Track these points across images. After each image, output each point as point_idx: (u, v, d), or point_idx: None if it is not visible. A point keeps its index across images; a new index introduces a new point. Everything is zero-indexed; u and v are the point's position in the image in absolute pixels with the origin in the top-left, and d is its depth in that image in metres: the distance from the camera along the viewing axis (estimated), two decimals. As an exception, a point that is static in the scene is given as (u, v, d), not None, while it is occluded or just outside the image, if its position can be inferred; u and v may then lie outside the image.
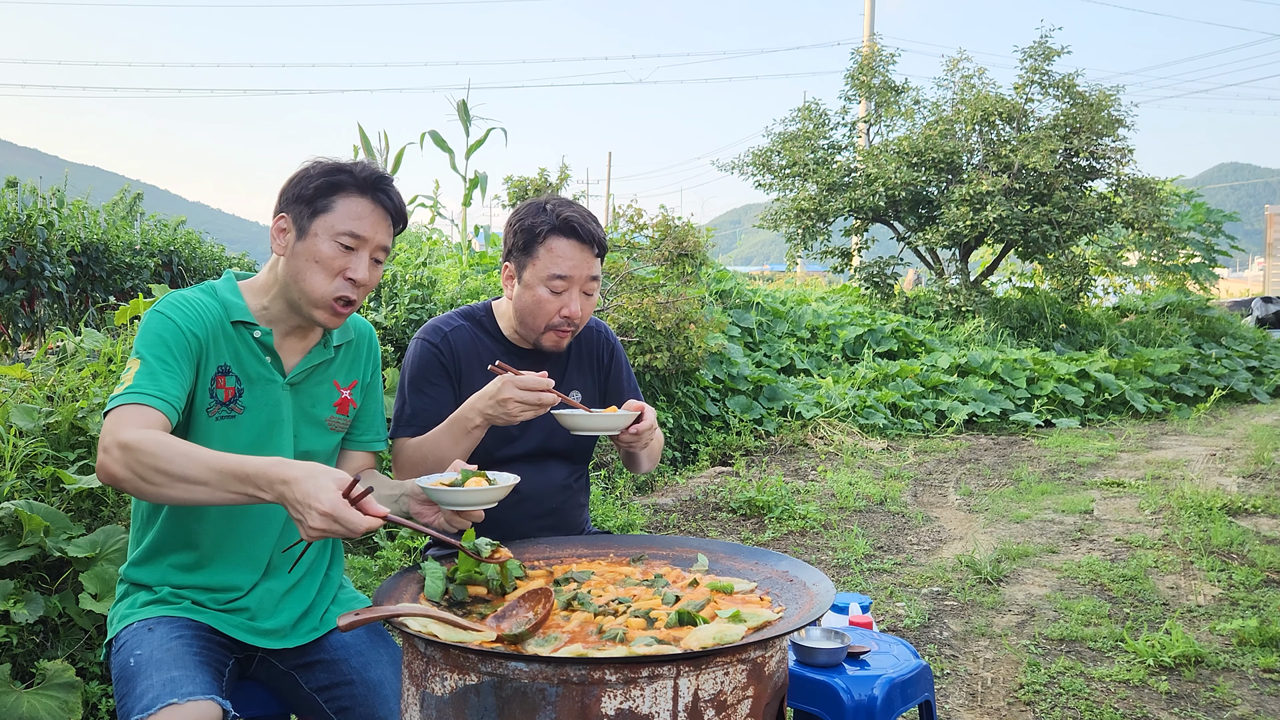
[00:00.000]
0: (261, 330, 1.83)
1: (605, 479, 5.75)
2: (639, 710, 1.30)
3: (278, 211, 1.83)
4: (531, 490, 2.17)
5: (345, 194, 1.80)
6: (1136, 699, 3.03)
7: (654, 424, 2.04)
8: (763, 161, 13.47)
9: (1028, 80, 12.54)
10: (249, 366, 1.83)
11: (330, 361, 1.94)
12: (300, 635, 1.88)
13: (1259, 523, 5.15)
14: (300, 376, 1.89)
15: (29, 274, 5.55)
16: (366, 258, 1.82)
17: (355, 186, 1.81)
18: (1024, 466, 6.96)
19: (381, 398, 2.09)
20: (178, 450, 1.55)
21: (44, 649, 2.55)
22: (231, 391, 1.81)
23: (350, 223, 1.79)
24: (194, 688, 1.58)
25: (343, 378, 1.97)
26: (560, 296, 2.08)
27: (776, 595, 1.67)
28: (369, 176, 1.82)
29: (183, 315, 1.76)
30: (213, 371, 1.79)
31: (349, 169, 1.82)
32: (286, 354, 1.88)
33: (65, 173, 6.69)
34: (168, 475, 1.54)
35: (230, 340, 1.82)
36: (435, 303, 5.60)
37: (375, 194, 1.82)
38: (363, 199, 1.81)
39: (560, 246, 2.06)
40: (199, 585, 1.82)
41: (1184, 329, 12.73)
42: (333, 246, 1.79)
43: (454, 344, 2.16)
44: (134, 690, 1.60)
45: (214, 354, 1.79)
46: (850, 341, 10.17)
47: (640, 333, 6.43)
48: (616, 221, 7.39)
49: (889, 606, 3.92)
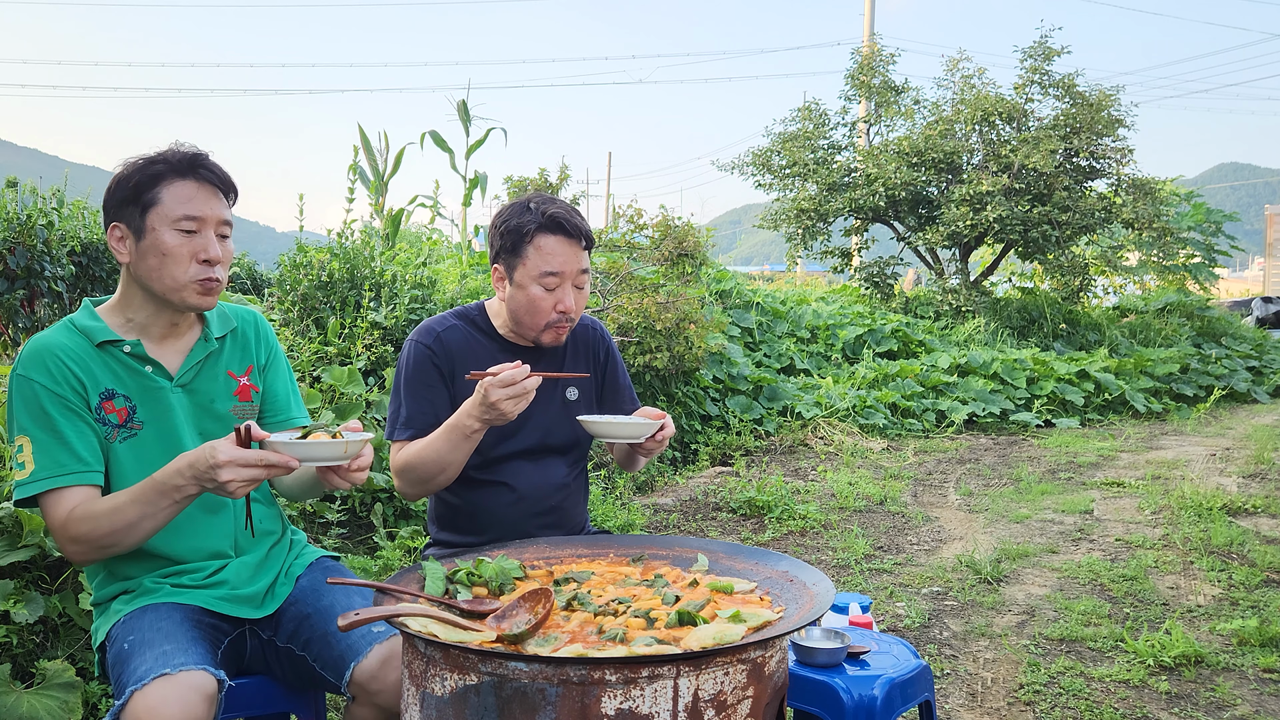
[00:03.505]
0: (130, 343, 1.82)
1: (605, 479, 5.75)
2: (639, 710, 1.30)
3: (107, 223, 1.83)
4: (530, 488, 2.18)
5: (167, 182, 1.79)
6: (1136, 699, 3.03)
7: (673, 432, 2.09)
8: (763, 161, 13.46)
9: (1028, 80, 12.54)
10: (131, 381, 1.83)
11: (216, 354, 1.94)
12: (274, 600, 1.94)
13: (1259, 523, 5.15)
14: (188, 375, 1.89)
15: (29, 274, 5.55)
16: (212, 235, 1.82)
17: (174, 172, 1.80)
18: (1024, 466, 6.96)
19: (287, 375, 2.08)
20: (103, 512, 1.67)
21: (44, 649, 2.55)
22: (124, 412, 1.82)
23: (182, 206, 1.79)
24: (186, 659, 1.61)
25: (236, 366, 1.97)
26: (554, 293, 2.09)
27: (776, 595, 1.67)
28: (183, 159, 1.82)
29: (45, 373, 1.76)
30: (96, 400, 1.80)
31: (162, 157, 1.81)
32: (167, 357, 1.88)
33: (65, 173, 6.68)
34: (114, 535, 1.67)
35: (104, 363, 1.81)
36: (435, 302, 5.60)
37: (195, 172, 1.81)
38: (185, 181, 1.80)
39: (548, 244, 2.07)
40: (171, 573, 1.86)
41: (1184, 329, 12.73)
42: (174, 235, 1.78)
43: (447, 344, 2.16)
44: (127, 668, 1.62)
45: (92, 385, 1.79)
46: (850, 341, 10.16)
47: (640, 333, 6.43)
48: (616, 221, 7.40)
49: (889, 606, 3.92)
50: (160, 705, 1.52)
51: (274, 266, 6.57)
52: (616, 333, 6.37)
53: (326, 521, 3.86)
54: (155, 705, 1.51)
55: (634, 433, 2.01)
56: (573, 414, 2.24)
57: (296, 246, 5.50)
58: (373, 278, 5.30)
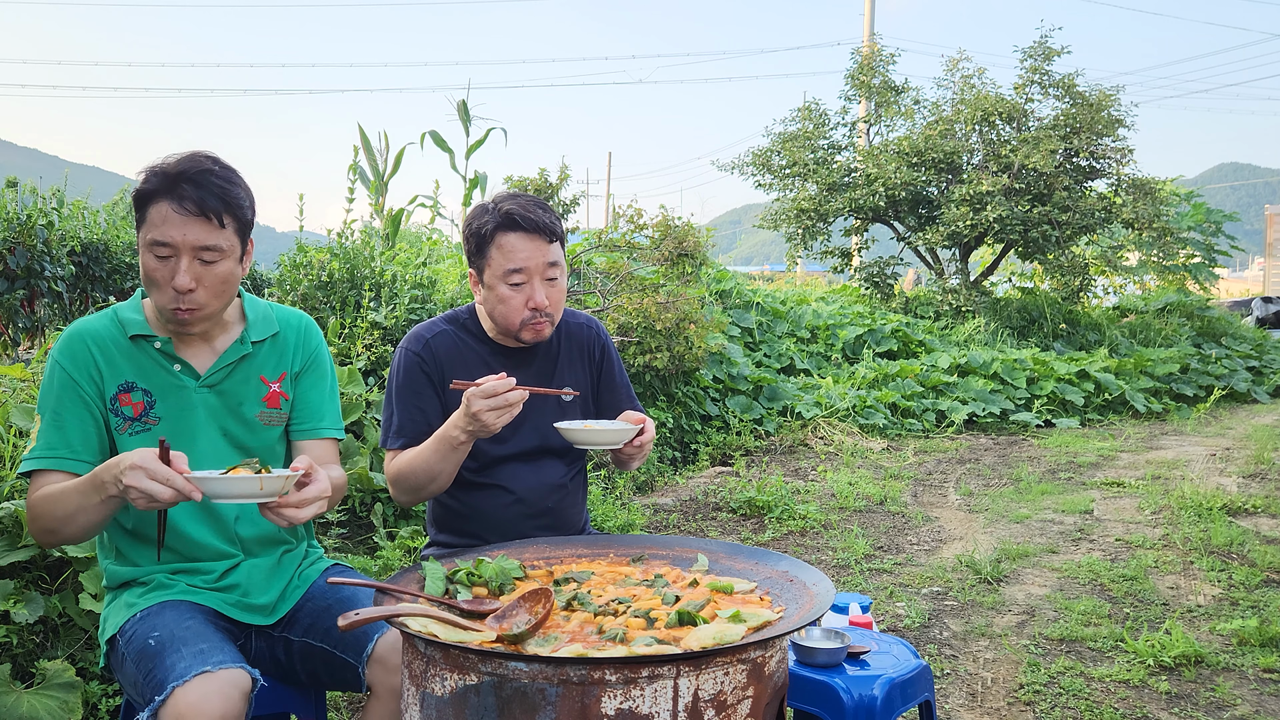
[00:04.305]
0: (161, 340, 1.83)
1: (605, 479, 5.75)
2: (639, 710, 1.30)
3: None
4: (528, 490, 2.18)
5: (154, 201, 1.72)
6: (1136, 699, 3.03)
7: (653, 436, 2.06)
8: (763, 161, 13.46)
9: (1028, 80, 12.54)
10: (156, 377, 1.83)
11: (250, 357, 1.91)
12: (285, 606, 1.95)
13: (1259, 523, 5.14)
14: (218, 377, 1.87)
15: (29, 274, 5.55)
16: (185, 262, 1.72)
17: (159, 190, 1.72)
18: (1024, 466, 6.96)
19: (327, 383, 2.04)
20: (53, 495, 1.68)
21: (44, 649, 2.55)
22: (140, 406, 1.82)
23: (154, 231, 1.72)
24: (224, 657, 1.63)
25: (270, 371, 1.94)
26: (521, 289, 2.08)
27: (776, 595, 1.67)
28: (166, 176, 1.72)
29: (70, 358, 1.79)
30: (113, 392, 1.80)
31: (158, 170, 1.73)
32: (198, 357, 1.87)
33: (65, 173, 6.69)
34: (56, 521, 1.67)
35: (132, 356, 1.82)
36: (435, 303, 5.59)
37: (174, 194, 1.71)
38: (164, 203, 1.71)
39: (509, 241, 2.06)
40: (183, 570, 1.87)
41: (1184, 329, 12.73)
42: (150, 258, 1.73)
43: (436, 350, 2.16)
44: (162, 664, 1.62)
45: (112, 376, 1.81)
46: (850, 341, 10.16)
47: (640, 333, 6.43)
48: (616, 221, 7.39)
49: (889, 606, 3.92)
50: (202, 702, 1.54)
51: (274, 266, 6.57)
52: (616, 333, 6.37)
53: (326, 521, 3.86)
54: (197, 702, 1.54)
55: (610, 439, 1.97)
56: (569, 415, 2.24)
57: (296, 246, 5.50)
58: (373, 278, 5.30)
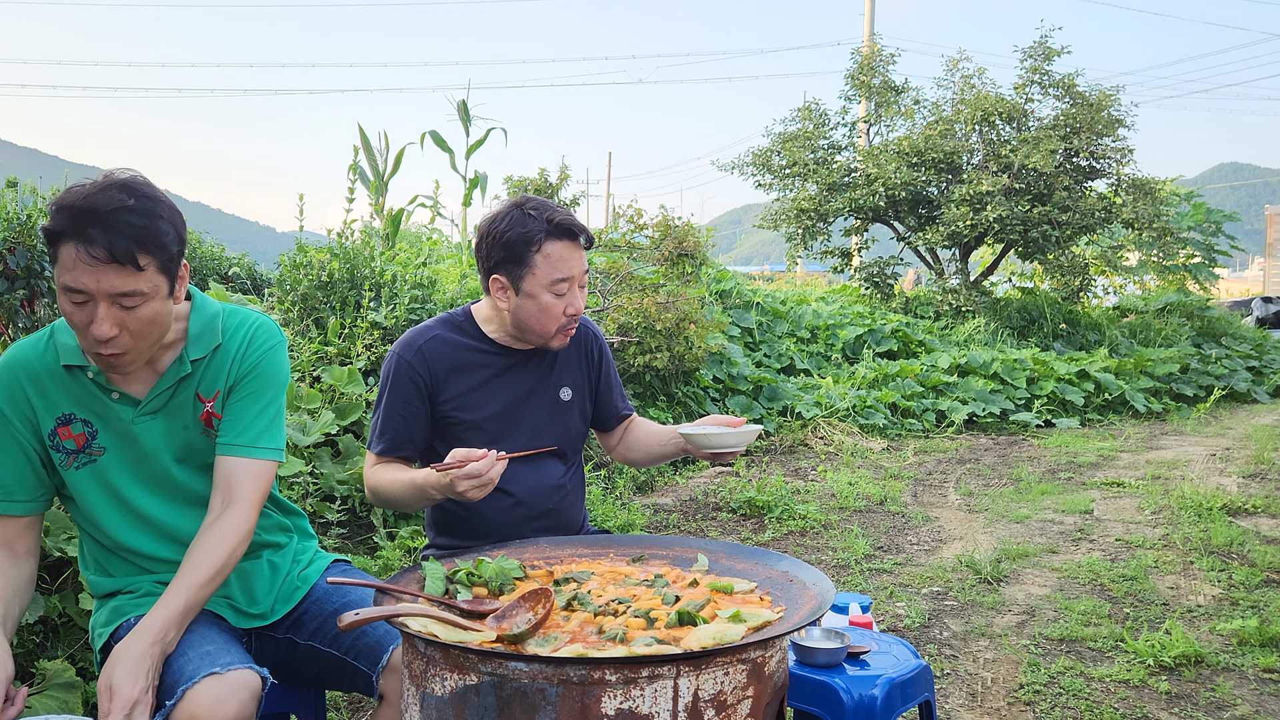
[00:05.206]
0: (93, 370, 1.71)
1: (605, 479, 5.75)
2: (639, 710, 1.30)
3: None
4: (528, 492, 2.17)
5: (63, 242, 1.53)
6: (1136, 699, 3.03)
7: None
8: (763, 161, 13.46)
9: (1028, 80, 12.54)
10: (95, 406, 1.73)
11: (190, 377, 1.78)
12: (284, 605, 1.92)
13: (1259, 523, 5.14)
14: (158, 403, 1.75)
15: (29, 274, 5.54)
16: (104, 309, 1.56)
17: (66, 232, 1.52)
18: (1024, 466, 6.96)
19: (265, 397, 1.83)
20: None
21: (44, 649, 2.55)
22: (83, 438, 1.73)
23: (65, 275, 1.54)
24: (232, 658, 1.61)
25: (205, 389, 1.79)
26: (564, 298, 2.09)
27: (776, 595, 1.66)
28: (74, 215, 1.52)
29: (3, 393, 1.69)
30: (51, 426, 1.71)
31: (64, 206, 1.52)
32: (134, 383, 1.74)
33: (65, 173, 6.68)
34: None
35: (67, 385, 1.71)
36: (435, 302, 5.59)
37: (81, 237, 1.51)
38: (70, 245, 1.52)
39: (557, 250, 2.05)
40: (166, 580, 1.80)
41: (1184, 329, 12.73)
42: (65, 303, 1.57)
43: (428, 356, 2.14)
44: (169, 667, 1.60)
45: (47, 409, 1.71)
46: (850, 341, 10.16)
47: (640, 333, 6.43)
48: (616, 221, 7.40)
49: (889, 606, 3.92)
50: (214, 703, 1.53)
51: (274, 266, 6.56)
52: (616, 333, 6.37)
53: (327, 521, 3.86)
54: (209, 703, 1.53)
55: (739, 441, 2.04)
56: (567, 414, 2.24)
57: (296, 246, 5.50)
58: (373, 278, 5.30)
